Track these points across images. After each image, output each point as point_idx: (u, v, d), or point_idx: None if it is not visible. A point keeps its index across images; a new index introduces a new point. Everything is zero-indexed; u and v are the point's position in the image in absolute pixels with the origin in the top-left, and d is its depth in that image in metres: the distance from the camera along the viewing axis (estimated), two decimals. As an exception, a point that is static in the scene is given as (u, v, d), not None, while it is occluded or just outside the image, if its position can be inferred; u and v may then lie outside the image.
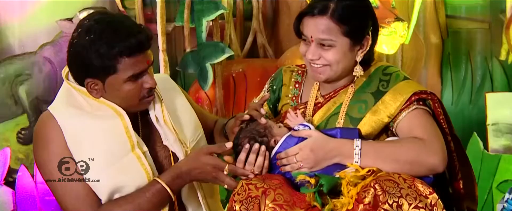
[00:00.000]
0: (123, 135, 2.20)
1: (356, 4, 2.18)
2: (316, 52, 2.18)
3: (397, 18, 3.88)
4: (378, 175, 2.03)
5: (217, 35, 4.24)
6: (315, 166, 2.11)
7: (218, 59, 4.03)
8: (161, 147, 2.32)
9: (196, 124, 2.43)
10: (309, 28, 2.18)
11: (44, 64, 4.41)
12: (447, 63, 4.87)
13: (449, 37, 4.86)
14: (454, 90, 4.84)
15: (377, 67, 2.27)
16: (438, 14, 4.80)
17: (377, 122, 2.18)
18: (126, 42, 2.09)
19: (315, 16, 2.15)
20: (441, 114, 2.22)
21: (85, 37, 2.10)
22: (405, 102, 2.16)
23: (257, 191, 2.04)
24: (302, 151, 2.12)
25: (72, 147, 2.17)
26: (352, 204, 2.00)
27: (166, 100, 2.34)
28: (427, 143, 2.09)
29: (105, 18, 2.14)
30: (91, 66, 2.11)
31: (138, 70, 2.14)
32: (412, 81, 2.26)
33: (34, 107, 4.37)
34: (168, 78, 2.54)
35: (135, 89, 2.17)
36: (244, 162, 2.15)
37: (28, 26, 4.41)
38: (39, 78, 4.40)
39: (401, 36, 3.89)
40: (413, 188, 1.98)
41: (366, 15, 2.21)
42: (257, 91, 2.55)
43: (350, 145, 2.11)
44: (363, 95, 2.23)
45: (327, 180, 2.04)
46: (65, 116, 2.19)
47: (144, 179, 2.20)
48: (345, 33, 2.15)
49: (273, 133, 2.21)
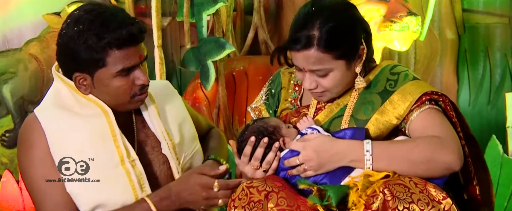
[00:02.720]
0: (111, 144, 2.20)
1: (339, 22, 2.14)
2: (313, 81, 2.19)
3: (410, 12, 3.89)
4: (388, 179, 2.03)
5: (219, 30, 4.24)
6: (319, 169, 2.11)
7: (219, 55, 4.02)
8: (158, 152, 2.32)
9: (193, 136, 2.44)
10: (298, 61, 2.17)
11: (30, 61, 4.39)
12: (463, 60, 4.87)
13: (465, 33, 4.86)
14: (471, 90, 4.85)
15: (384, 66, 2.28)
16: (454, 8, 4.80)
17: (385, 124, 2.19)
18: (116, 33, 2.09)
19: (301, 50, 2.14)
20: (453, 117, 2.21)
21: (74, 28, 2.11)
22: (415, 102, 2.16)
23: (259, 195, 2.03)
24: (305, 151, 2.12)
25: (55, 153, 2.17)
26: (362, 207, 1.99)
27: (166, 108, 2.36)
28: (443, 141, 2.08)
29: (96, 9, 2.14)
30: (79, 58, 2.12)
31: (128, 64, 2.14)
32: (422, 81, 2.26)
33: (19, 108, 4.35)
34: (168, 84, 2.53)
35: (125, 85, 2.17)
36: (249, 157, 2.17)
37: (12, 21, 4.39)
38: (25, 76, 4.37)
39: (414, 31, 3.89)
40: (425, 193, 1.98)
41: (353, 29, 2.18)
42: (259, 91, 2.54)
43: (360, 150, 2.10)
44: (369, 95, 2.23)
45: (334, 192, 2.03)
46: (50, 119, 2.19)
47: (131, 196, 2.20)
48: (338, 57, 2.14)
49: (282, 133, 2.22)
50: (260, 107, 2.46)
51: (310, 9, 2.15)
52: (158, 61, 3.97)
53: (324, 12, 2.13)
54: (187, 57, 4.20)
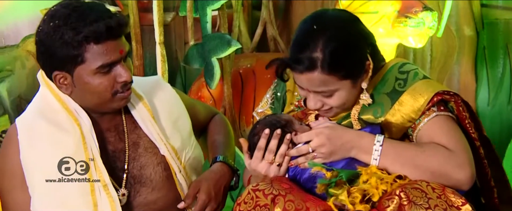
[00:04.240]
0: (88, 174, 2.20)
1: (343, 41, 2.10)
2: (317, 101, 2.17)
3: (425, 7, 3.86)
4: (404, 183, 2.02)
5: (224, 26, 4.20)
6: (330, 156, 2.11)
7: (224, 53, 3.98)
8: (152, 153, 2.32)
9: (190, 130, 2.44)
10: (301, 82, 2.15)
11: (28, 58, 4.37)
12: (482, 58, 4.83)
13: (484, 29, 4.82)
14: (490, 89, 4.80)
15: (392, 65, 2.25)
16: (472, 3, 4.76)
17: (397, 127, 2.17)
18: (93, 26, 2.07)
19: (303, 73, 2.10)
20: (466, 118, 2.19)
21: (49, 24, 2.10)
22: (427, 104, 2.14)
23: (266, 199, 2.03)
24: (318, 137, 2.12)
25: (25, 169, 2.19)
26: (377, 196, 2.00)
27: (158, 106, 2.36)
28: (452, 154, 2.07)
29: (73, 3, 2.13)
30: (56, 55, 2.11)
31: (108, 60, 2.12)
32: (433, 80, 2.24)
33: (17, 107, 4.33)
34: (159, 79, 2.54)
35: (106, 83, 2.15)
36: (264, 150, 2.17)
37: (8, 17, 4.42)
38: (22, 74, 4.36)
39: (430, 27, 3.86)
40: (443, 199, 1.97)
41: (359, 47, 2.14)
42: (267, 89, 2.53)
43: (370, 139, 2.11)
44: (378, 97, 2.21)
45: (346, 173, 2.05)
46: (28, 131, 2.20)
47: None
48: (343, 78, 2.11)
49: (295, 128, 2.22)
50: (266, 111, 2.45)
51: (311, 27, 2.10)
52: (160, 59, 3.95)
53: (327, 31, 2.08)
54: (190, 54, 4.18)
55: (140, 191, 2.31)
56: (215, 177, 2.36)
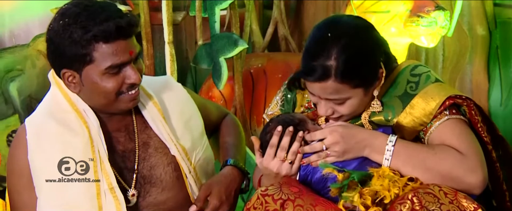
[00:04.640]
0: (92, 175, 2.20)
1: (358, 50, 2.09)
2: (328, 109, 2.17)
3: (438, 6, 3.85)
4: (417, 187, 2.01)
5: (235, 25, 4.19)
6: (343, 155, 2.11)
7: (232, 53, 3.96)
8: (163, 153, 2.32)
9: (202, 131, 2.44)
10: (314, 90, 2.14)
11: (38, 58, 4.36)
12: (495, 58, 4.81)
13: (497, 28, 4.80)
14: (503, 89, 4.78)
15: (404, 67, 2.24)
16: (485, 2, 4.74)
17: (408, 130, 2.16)
18: (103, 25, 2.06)
19: (316, 81, 2.10)
20: (478, 122, 2.18)
21: (59, 22, 2.09)
22: (439, 108, 2.13)
23: (275, 204, 2.02)
24: (332, 135, 2.11)
25: (32, 170, 2.19)
26: (388, 198, 1.99)
27: (169, 106, 2.36)
28: (464, 157, 2.06)
29: (84, 3, 2.12)
30: (65, 54, 2.10)
31: (117, 60, 2.10)
32: (445, 83, 2.23)
33: (27, 107, 4.32)
34: (169, 78, 2.53)
35: (115, 84, 2.14)
36: (276, 147, 2.16)
37: (19, 16, 4.41)
38: (32, 74, 4.35)
39: (442, 26, 3.85)
40: (455, 204, 1.96)
41: (373, 55, 2.14)
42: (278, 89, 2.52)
43: (383, 139, 2.10)
44: (389, 100, 2.20)
45: (357, 173, 2.04)
46: (36, 132, 2.20)
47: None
48: (356, 86, 2.11)
49: (308, 127, 2.22)
50: (276, 113, 2.44)
51: (325, 34, 2.09)
52: (169, 58, 3.94)
53: (341, 39, 2.06)
54: (199, 54, 4.18)
55: (150, 191, 2.31)
56: (226, 181, 2.35)
